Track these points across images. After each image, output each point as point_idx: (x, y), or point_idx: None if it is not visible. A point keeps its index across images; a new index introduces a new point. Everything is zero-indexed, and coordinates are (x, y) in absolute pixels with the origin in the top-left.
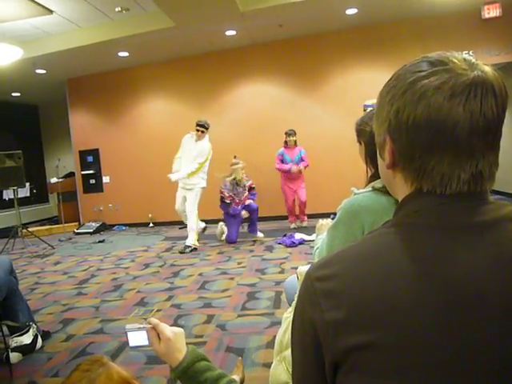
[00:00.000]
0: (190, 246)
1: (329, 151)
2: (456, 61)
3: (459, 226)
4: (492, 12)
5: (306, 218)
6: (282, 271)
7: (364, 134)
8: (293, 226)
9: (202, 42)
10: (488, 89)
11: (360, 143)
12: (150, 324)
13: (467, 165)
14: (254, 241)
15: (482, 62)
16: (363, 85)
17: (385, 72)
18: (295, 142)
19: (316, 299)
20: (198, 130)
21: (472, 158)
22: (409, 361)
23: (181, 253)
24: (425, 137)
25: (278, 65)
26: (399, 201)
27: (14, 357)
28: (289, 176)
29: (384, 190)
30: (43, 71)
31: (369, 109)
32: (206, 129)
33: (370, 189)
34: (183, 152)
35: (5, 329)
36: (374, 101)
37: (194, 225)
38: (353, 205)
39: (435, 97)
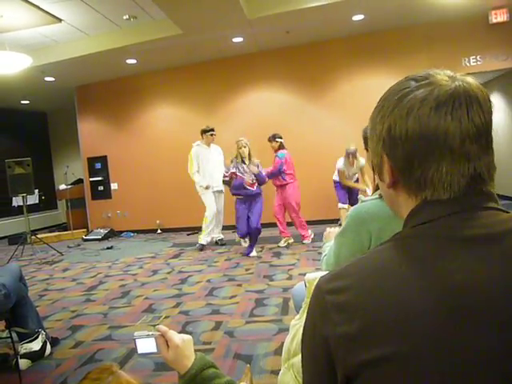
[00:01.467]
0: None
1: (336, 158)
2: (437, 75)
3: (468, 237)
4: (499, 17)
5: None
6: (290, 277)
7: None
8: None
9: (209, 48)
10: (471, 97)
11: (367, 150)
12: (158, 331)
13: (465, 168)
14: (262, 247)
15: (464, 74)
16: (370, 91)
17: (392, 78)
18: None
19: (327, 313)
20: (212, 135)
21: (469, 161)
22: (423, 371)
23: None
24: (420, 148)
25: (284, 71)
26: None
27: (23, 363)
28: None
29: None
30: (52, 79)
31: None
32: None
33: (377, 196)
34: (202, 161)
35: (14, 335)
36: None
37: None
38: (360, 212)
39: (422, 109)
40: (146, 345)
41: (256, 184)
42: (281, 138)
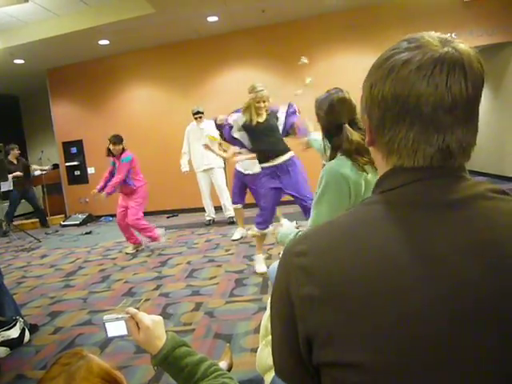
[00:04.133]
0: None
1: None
2: (430, 39)
3: (432, 204)
4: None
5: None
6: (269, 257)
7: (320, 118)
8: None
9: (184, 28)
10: (456, 64)
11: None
12: (128, 314)
13: (433, 139)
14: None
15: (461, 41)
16: (347, 69)
17: (368, 56)
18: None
19: (293, 274)
20: (196, 118)
21: (438, 132)
22: (386, 322)
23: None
24: (392, 111)
25: (261, 51)
26: None
27: (2, 351)
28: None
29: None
30: (22, 61)
31: None
32: (203, 113)
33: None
34: (193, 141)
35: None
36: None
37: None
38: (333, 169)
39: (401, 71)
40: (116, 328)
41: None
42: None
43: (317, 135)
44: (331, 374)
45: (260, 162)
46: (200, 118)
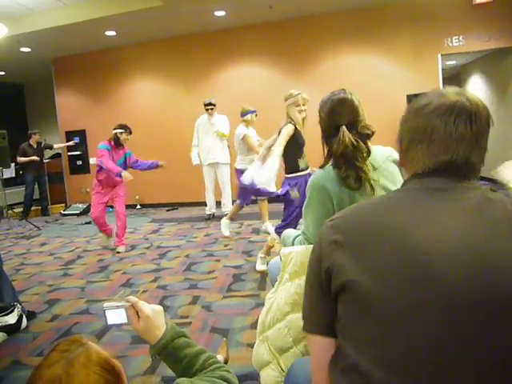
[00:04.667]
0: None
1: (314, 137)
2: (449, 90)
3: (434, 188)
4: None
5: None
6: (268, 253)
7: (320, 120)
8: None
9: (191, 22)
10: (464, 110)
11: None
12: (128, 302)
13: (440, 156)
14: (241, 223)
15: (472, 93)
16: (353, 69)
17: (375, 56)
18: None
19: (324, 238)
20: (207, 110)
21: (446, 152)
22: (387, 264)
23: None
24: (415, 136)
25: (267, 47)
26: None
27: None
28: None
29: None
30: (28, 49)
31: None
32: (215, 105)
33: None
34: (202, 134)
35: None
36: None
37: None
38: (315, 180)
39: (424, 111)
40: (115, 316)
41: None
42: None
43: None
44: (342, 301)
45: (295, 172)
46: (212, 109)
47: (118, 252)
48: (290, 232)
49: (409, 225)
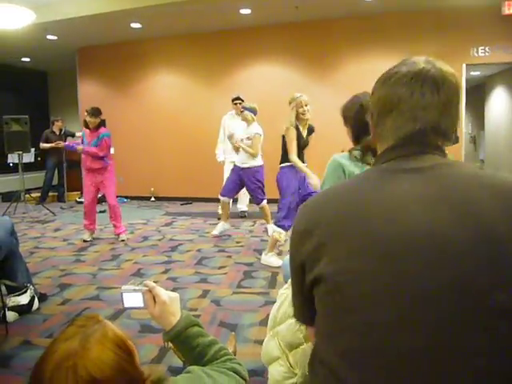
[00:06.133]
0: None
1: (336, 139)
2: (418, 59)
3: (400, 170)
4: None
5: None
6: (280, 253)
7: (348, 119)
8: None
9: (216, 18)
10: (429, 78)
11: (347, 127)
12: (146, 286)
13: (410, 126)
14: (254, 221)
15: (442, 62)
16: (377, 74)
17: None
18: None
19: (297, 221)
20: (235, 104)
21: (415, 121)
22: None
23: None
24: (383, 108)
25: (291, 48)
26: None
27: (11, 316)
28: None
29: (359, 158)
30: (54, 37)
31: None
32: (243, 101)
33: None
34: (228, 131)
35: (3, 288)
36: None
37: None
38: (335, 159)
39: (390, 80)
40: (132, 299)
41: None
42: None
43: None
44: (316, 294)
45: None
46: (240, 104)
47: (123, 240)
48: None
49: (371, 212)
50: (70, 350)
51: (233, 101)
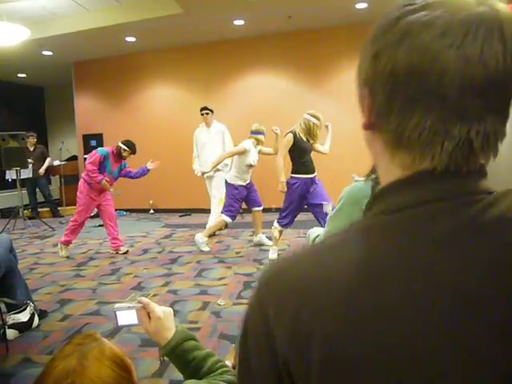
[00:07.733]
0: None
1: (332, 146)
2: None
3: (445, 232)
4: None
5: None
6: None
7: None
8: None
9: (210, 30)
10: (494, 30)
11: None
12: (140, 303)
13: (455, 129)
14: (253, 231)
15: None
16: None
17: None
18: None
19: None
20: (202, 115)
21: (463, 121)
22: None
23: None
24: (405, 88)
25: (285, 57)
26: (380, 180)
27: (11, 333)
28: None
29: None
30: (50, 53)
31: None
32: (211, 111)
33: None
34: (199, 145)
35: (2, 306)
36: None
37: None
38: (352, 191)
39: (421, 36)
40: (126, 317)
41: None
42: None
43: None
44: None
45: (297, 173)
46: (207, 114)
47: (125, 252)
48: (315, 229)
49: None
50: (69, 368)
51: (200, 110)
